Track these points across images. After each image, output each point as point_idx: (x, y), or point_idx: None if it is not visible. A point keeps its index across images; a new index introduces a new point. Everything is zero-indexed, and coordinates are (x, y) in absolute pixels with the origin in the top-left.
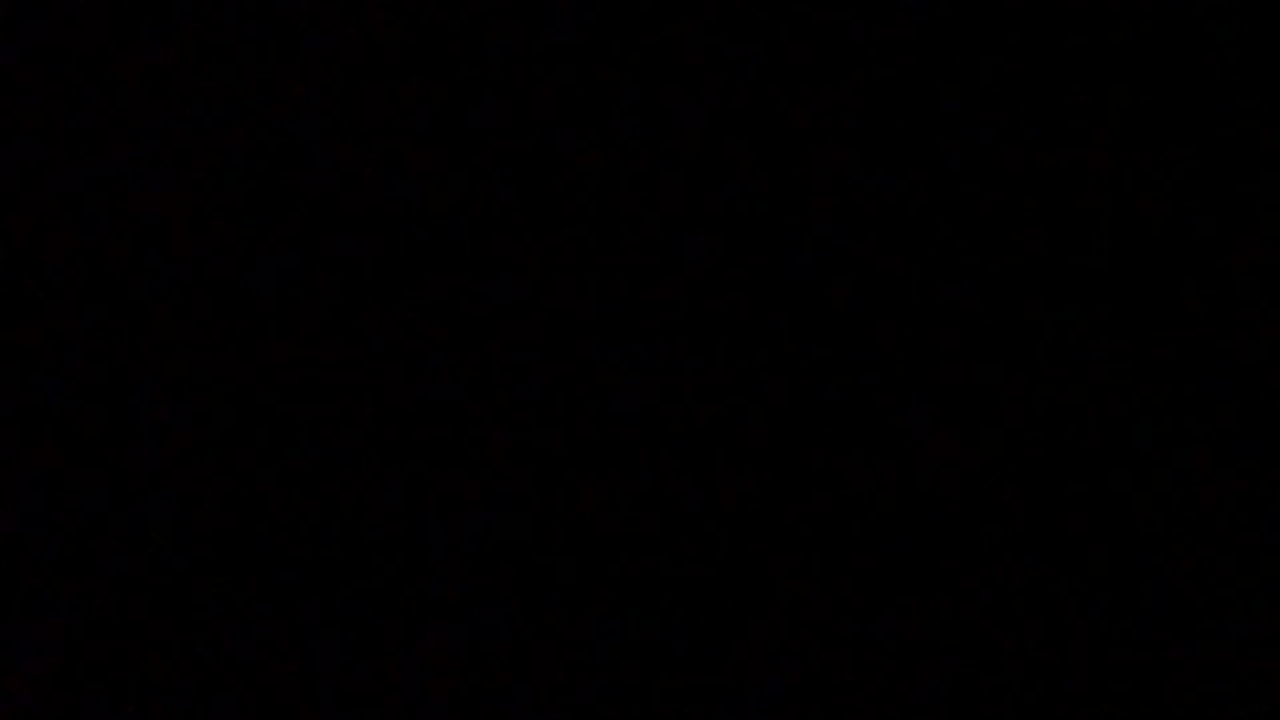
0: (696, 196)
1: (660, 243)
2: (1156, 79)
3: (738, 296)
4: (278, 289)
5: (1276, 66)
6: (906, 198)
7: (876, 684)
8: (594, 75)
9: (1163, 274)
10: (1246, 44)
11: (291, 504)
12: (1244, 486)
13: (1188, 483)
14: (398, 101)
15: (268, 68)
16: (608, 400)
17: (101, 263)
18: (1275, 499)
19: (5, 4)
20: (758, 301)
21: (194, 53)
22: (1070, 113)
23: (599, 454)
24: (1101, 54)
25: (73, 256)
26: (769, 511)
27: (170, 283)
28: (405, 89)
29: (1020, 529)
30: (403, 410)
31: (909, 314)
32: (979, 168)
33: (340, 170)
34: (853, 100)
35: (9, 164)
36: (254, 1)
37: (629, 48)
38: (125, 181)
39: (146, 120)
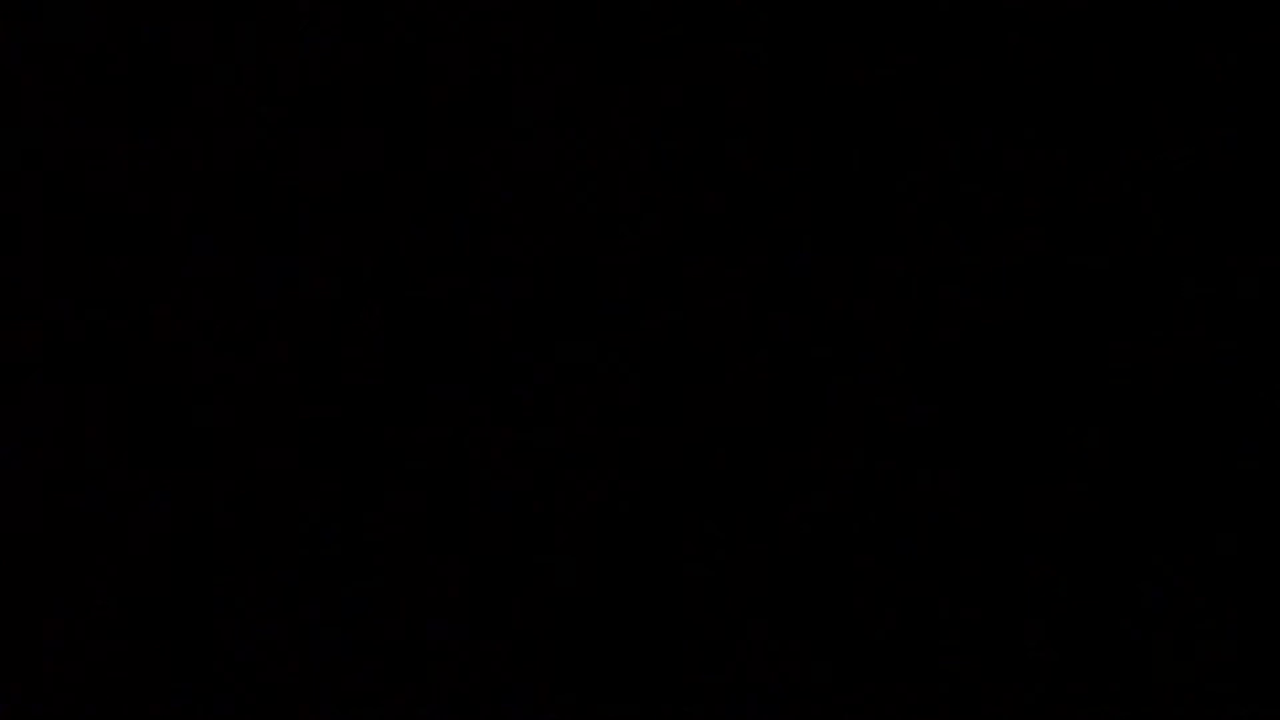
0: (696, 196)
1: (659, 242)
2: (1157, 79)
3: (738, 297)
4: (278, 288)
5: (1277, 67)
6: (906, 198)
7: (876, 684)
8: (592, 75)
9: (1162, 274)
10: (1247, 44)
11: (291, 504)
12: (1244, 487)
13: (1187, 483)
14: (395, 101)
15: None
16: (607, 399)
17: (101, 260)
18: (1275, 499)
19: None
20: (757, 302)
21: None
22: (1070, 113)
23: (598, 453)
24: (1101, 54)
25: (71, 255)
26: (767, 512)
27: (169, 281)
28: (403, 89)
29: (1019, 529)
30: (403, 410)
31: (909, 314)
32: (978, 168)
33: (339, 170)
34: (853, 100)
35: (9, 164)
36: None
37: (628, 47)
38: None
39: (145, 119)
